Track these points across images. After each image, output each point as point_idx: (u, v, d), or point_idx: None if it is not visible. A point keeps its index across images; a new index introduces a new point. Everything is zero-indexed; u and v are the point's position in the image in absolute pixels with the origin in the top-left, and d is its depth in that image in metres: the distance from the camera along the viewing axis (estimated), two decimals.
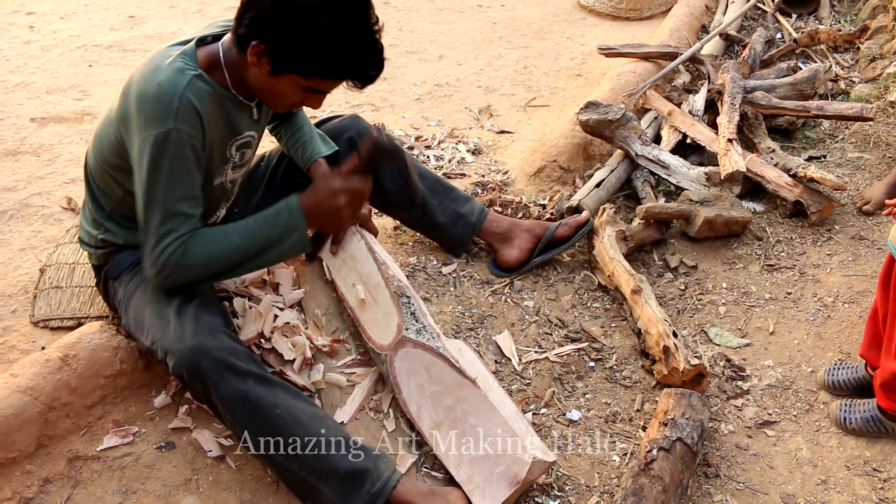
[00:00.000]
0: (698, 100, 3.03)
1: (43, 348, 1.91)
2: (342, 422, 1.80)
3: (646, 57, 3.46)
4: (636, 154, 2.69)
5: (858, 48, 3.77)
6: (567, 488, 1.73)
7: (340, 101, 3.36)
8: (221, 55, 1.57)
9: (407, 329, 1.79)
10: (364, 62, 1.52)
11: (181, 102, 1.48)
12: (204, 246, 1.56)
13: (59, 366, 1.77)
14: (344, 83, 1.56)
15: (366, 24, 1.48)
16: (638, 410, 1.94)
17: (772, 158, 2.74)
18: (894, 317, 1.75)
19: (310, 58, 1.47)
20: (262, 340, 1.90)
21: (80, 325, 1.99)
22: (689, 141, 2.85)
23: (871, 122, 2.99)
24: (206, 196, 1.76)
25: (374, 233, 2.13)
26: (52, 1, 4.42)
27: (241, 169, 1.81)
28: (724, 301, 2.29)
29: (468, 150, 2.98)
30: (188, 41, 1.59)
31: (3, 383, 1.72)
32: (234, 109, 1.64)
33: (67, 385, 1.76)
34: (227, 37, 1.58)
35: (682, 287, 2.35)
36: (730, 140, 2.62)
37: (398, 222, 2.39)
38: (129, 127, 1.54)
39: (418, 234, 2.38)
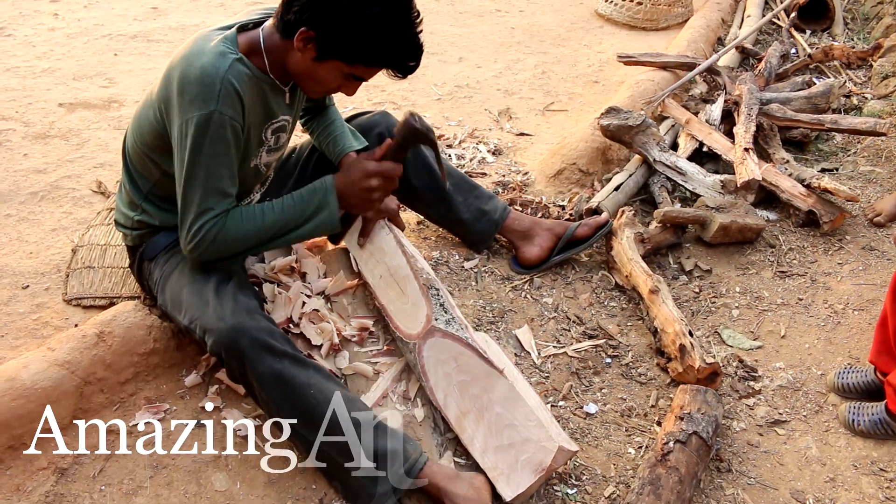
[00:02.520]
0: (715, 109, 3.10)
1: (76, 325, 1.96)
2: None
3: (664, 66, 3.52)
4: (654, 160, 2.74)
5: (871, 65, 3.84)
6: (584, 478, 1.78)
7: (362, 98, 3.41)
8: (262, 40, 1.63)
9: (436, 319, 1.83)
10: (406, 53, 1.60)
11: (223, 85, 1.54)
12: (240, 223, 1.65)
13: (95, 342, 1.82)
14: (385, 73, 1.63)
15: (410, 17, 1.56)
16: (653, 406, 1.99)
17: (786, 169, 2.80)
18: None
19: (356, 46, 1.54)
20: (291, 325, 1.95)
21: (111, 304, 2.04)
22: (705, 149, 2.91)
23: (883, 137, 3.06)
24: (241, 178, 1.81)
25: (402, 227, 2.18)
26: None
27: (276, 153, 1.86)
28: (737, 305, 2.35)
29: (489, 151, 3.03)
30: (229, 27, 1.65)
31: (42, 356, 1.76)
32: (271, 93, 1.70)
33: (103, 361, 1.81)
34: (269, 22, 1.64)
35: (697, 290, 2.40)
36: (746, 149, 2.68)
37: (422, 217, 2.44)
38: (171, 108, 1.59)
39: (441, 229, 2.44)
